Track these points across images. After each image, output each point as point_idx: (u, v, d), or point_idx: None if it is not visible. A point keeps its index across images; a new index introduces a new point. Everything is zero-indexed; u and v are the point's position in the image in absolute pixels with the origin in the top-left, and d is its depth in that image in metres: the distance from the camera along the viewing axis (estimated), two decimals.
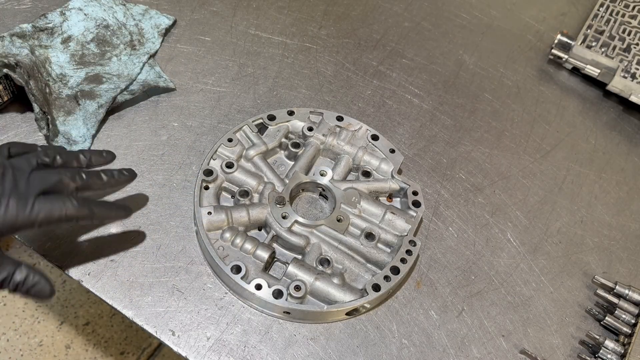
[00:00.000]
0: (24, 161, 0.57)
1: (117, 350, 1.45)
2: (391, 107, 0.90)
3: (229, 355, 0.63)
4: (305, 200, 0.77)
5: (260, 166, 0.74)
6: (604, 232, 0.82)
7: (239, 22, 0.96)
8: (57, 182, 0.56)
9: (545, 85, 0.98)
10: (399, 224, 0.72)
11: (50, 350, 1.43)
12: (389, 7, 1.04)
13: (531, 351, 0.68)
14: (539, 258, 0.77)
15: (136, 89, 0.81)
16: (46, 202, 0.54)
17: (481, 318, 0.70)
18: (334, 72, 0.92)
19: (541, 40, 1.05)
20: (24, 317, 1.47)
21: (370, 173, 0.77)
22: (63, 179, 0.57)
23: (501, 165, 0.86)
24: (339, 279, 0.66)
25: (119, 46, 0.85)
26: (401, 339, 0.67)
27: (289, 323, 0.66)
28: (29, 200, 0.54)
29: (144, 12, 0.91)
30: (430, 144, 0.86)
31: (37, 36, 0.82)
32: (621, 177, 0.89)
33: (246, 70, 0.89)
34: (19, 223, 0.53)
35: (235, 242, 0.67)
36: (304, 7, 1.01)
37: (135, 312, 0.64)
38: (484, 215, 0.80)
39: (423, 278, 0.72)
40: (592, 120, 0.95)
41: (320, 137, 0.78)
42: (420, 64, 0.96)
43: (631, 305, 0.72)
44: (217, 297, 0.67)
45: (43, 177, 0.56)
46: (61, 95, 0.77)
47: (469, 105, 0.93)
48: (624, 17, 1.04)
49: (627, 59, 0.96)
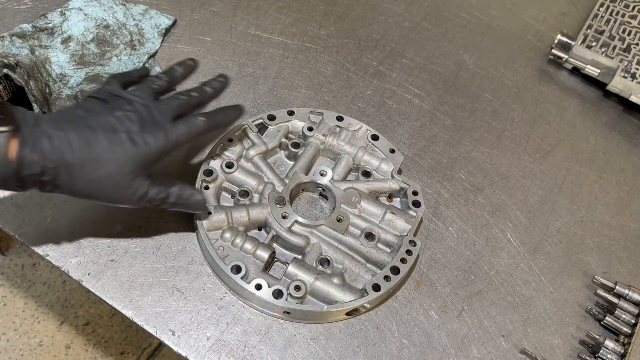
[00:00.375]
0: (144, 93, 0.63)
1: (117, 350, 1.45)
2: (391, 107, 0.90)
3: (229, 355, 0.63)
4: (305, 200, 0.77)
5: (260, 166, 0.74)
6: (604, 232, 0.82)
7: (239, 22, 0.96)
8: (178, 106, 0.64)
9: (545, 85, 0.98)
10: (399, 224, 0.72)
11: (50, 350, 1.43)
12: (389, 7, 1.04)
13: (531, 351, 0.68)
14: (539, 258, 0.77)
15: None
16: (180, 126, 0.62)
17: (481, 318, 0.70)
18: (334, 72, 0.92)
19: (541, 40, 1.05)
20: (24, 317, 1.47)
21: (370, 173, 0.77)
22: (182, 103, 0.65)
23: (501, 165, 0.86)
24: (339, 279, 0.66)
25: (119, 46, 0.85)
26: (401, 339, 0.67)
27: (289, 323, 0.66)
28: (168, 127, 0.61)
29: (144, 12, 0.91)
30: (430, 144, 0.86)
31: (37, 36, 0.82)
32: (621, 177, 0.89)
33: (246, 70, 0.89)
34: (168, 147, 0.61)
35: (235, 242, 0.67)
36: (304, 7, 1.01)
37: (135, 312, 0.64)
38: (484, 215, 0.80)
39: (423, 278, 0.72)
40: (592, 120, 0.95)
41: (320, 137, 0.78)
42: (420, 64, 0.96)
43: (631, 305, 0.72)
44: (217, 297, 0.67)
45: (168, 105, 0.63)
46: (61, 95, 0.77)
47: (469, 105, 0.93)
48: (624, 17, 1.04)
49: (627, 59, 0.96)
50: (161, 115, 0.62)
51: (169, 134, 0.61)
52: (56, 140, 0.55)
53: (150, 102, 0.62)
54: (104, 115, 0.59)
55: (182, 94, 0.66)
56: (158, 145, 0.60)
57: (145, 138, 0.59)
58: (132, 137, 0.58)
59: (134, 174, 0.58)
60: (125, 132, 0.58)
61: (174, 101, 0.64)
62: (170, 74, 0.68)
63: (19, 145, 0.53)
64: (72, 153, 0.55)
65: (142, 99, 0.62)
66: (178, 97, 0.65)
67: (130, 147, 0.58)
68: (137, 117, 0.60)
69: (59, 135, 0.55)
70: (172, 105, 0.63)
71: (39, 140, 0.54)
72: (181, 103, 0.64)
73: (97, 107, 0.60)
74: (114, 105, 0.60)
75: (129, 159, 0.58)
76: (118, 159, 0.57)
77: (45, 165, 0.54)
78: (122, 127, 0.58)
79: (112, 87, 0.63)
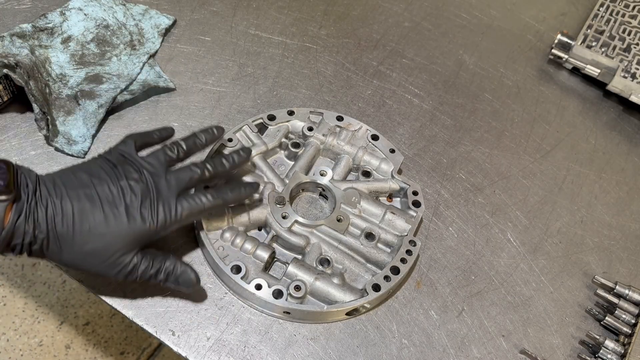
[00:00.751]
0: (156, 162, 0.61)
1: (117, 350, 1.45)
2: (391, 107, 0.90)
3: (229, 355, 0.63)
4: (305, 200, 0.77)
5: (260, 166, 0.74)
6: (604, 232, 0.82)
7: (239, 22, 0.96)
8: (189, 179, 0.62)
9: (545, 85, 0.98)
10: (399, 224, 0.72)
11: (50, 350, 1.43)
12: (389, 7, 1.04)
13: (531, 351, 0.68)
14: (539, 258, 0.77)
15: (136, 89, 0.81)
16: (185, 202, 0.60)
17: (481, 318, 0.70)
18: (334, 72, 0.92)
19: (541, 40, 1.05)
20: (24, 317, 1.47)
21: (370, 173, 0.77)
22: (194, 176, 0.62)
23: (501, 165, 0.86)
24: (339, 279, 0.66)
25: (119, 46, 0.85)
26: (401, 339, 0.67)
27: (289, 323, 0.66)
28: (172, 203, 0.59)
29: (144, 12, 0.91)
30: (430, 144, 0.86)
31: (37, 36, 0.82)
32: (621, 177, 0.89)
33: (246, 70, 0.89)
34: (167, 224, 0.59)
35: (235, 242, 0.67)
36: (304, 7, 1.01)
37: (135, 312, 0.64)
38: (484, 215, 0.80)
39: (423, 278, 0.72)
40: (592, 120, 0.95)
41: (320, 137, 0.78)
42: (420, 64, 0.96)
43: (631, 305, 0.72)
44: (217, 297, 0.67)
45: (178, 178, 0.61)
46: (61, 95, 0.77)
47: (469, 105, 0.93)
48: (624, 17, 1.04)
49: (627, 59, 0.96)
50: (168, 189, 0.59)
51: (171, 211, 0.59)
52: (50, 210, 0.54)
53: (161, 172, 0.60)
54: (107, 184, 0.57)
55: (197, 166, 0.63)
56: (157, 222, 0.58)
57: (144, 214, 0.57)
58: (130, 212, 0.56)
59: (123, 251, 0.57)
60: (124, 205, 0.56)
61: (185, 174, 0.61)
62: (191, 142, 0.65)
63: (14, 214, 0.52)
64: (63, 224, 0.54)
65: (152, 168, 0.60)
66: (192, 169, 0.62)
67: (126, 223, 0.56)
68: (142, 189, 0.58)
69: (54, 204, 0.54)
70: (182, 178, 0.61)
71: (34, 210, 0.53)
72: (193, 177, 0.62)
73: (102, 173, 0.58)
74: (121, 172, 0.58)
75: (121, 236, 0.56)
76: (110, 234, 0.56)
77: (36, 235, 0.53)
78: (123, 199, 0.56)
79: (126, 149, 0.61)
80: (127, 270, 0.58)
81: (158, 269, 0.60)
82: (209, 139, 0.67)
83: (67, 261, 0.56)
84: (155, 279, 0.60)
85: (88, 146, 0.75)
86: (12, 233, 0.52)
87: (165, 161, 0.62)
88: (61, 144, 0.74)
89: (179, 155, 0.63)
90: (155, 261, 0.60)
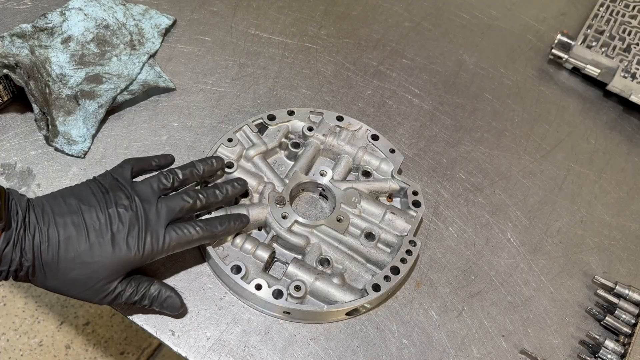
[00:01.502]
0: (149, 189, 0.61)
1: (117, 350, 1.45)
2: (391, 107, 0.90)
3: (229, 355, 0.63)
4: (305, 200, 0.77)
5: (260, 166, 0.74)
6: (604, 232, 0.82)
7: (239, 22, 0.96)
8: (180, 209, 0.61)
9: (545, 85, 0.98)
10: (399, 224, 0.72)
11: (50, 350, 1.43)
12: (389, 7, 1.04)
13: (531, 351, 0.68)
14: (539, 258, 0.77)
15: (136, 89, 0.81)
16: (174, 232, 0.60)
17: (481, 318, 0.70)
18: (334, 72, 0.92)
19: (541, 40, 1.05)
20: (24, 317, 1.47)
21: (370, 173, 0.77)
22: (185, 206, 0.62)
23: (501, 165, 0.86)
24: (339, 279, 0.66)
25: (119, 46, 0.85)
26: (401, 339, 0.67)
27: (289, 323, 0.66)
28: (160, 233, 0.59)
29: (144, 12, 0.91)
30: (430, 144, 0.86)
31: (37, 36, 0.82)
32: (621, 177, 0.89)
33: (246, 70, 0.89)
34: (154, 254, 0.59)
35: (235, 242, 0.67)
36: (304, 7, 1.01)
37: (135, 312, 0.64)
38: (484, 215, 0.80)
39: (423, 278, 0.72)
40: (592, 120, 0.95)
41: (320, 137, 0.78)
42: (420, 64, 0.96)
43: (631, 305, 0.72)
44: (217, 297, 0.67)
45: (169, 207, 0.60)
46: (61, 95, 0.77)
47: (469, 105, 0.93)
48: (624, 17, 1.04)
49: (627, 59, 0.96)
50: (157, 218, 0.59)
51: (158, 241, 0.59)
52: (37, 238, 0.54)
53: (153, 200, 0.60)
54: (95, 211, 0.57)
55: (190, 196, 0.62)
56: (143, 251, 0.58)
57: (130, 243, 0.57)
58: (116, 241, 0.57)
59: (108, 279, 0.57)
60: (110, 234, 0.56)
61: (177, 203, 0.61)
62: (188, 172, 0.65)
63: (3, 242, 0.52)
64: (49, 252, 0.55)
65: (144, 195, 0.60)
66: (184, 199, 0.62)
67: (111, 252, 0.56)
68: (130, 217, 0.58)
69: (41, 232, 0.54)
70: (173, 208, 0.61)
71: (21, 238, 0.53)
72: (184, 206, 0.61)
73: (92, 199, 0.58)
74: (111, 198, 0.58)
75: (106, 264, 0.56)
76: (95, 263, 0.56)
77: (22, 263, 0.54)
78: (110, 228, 0.57)
79: (121, 173, 0.61)
80: (111, 297, 0.59)
81: (143, 295, 0.61)
82: (206, 170, 0.66)
83: (52, 287, 0.57)
84: (140, 304, 0.61)
85: (88, 146, 0.75)
86: None
87: (158, 189, 0.61)
88: (61, 144, 0.74)
89: (173, 184, 0.63)
90: (140, 287, 0.60)
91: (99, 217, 0.57)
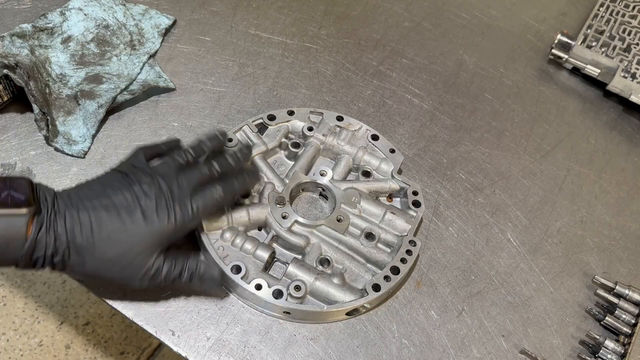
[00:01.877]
0: (166, 167, 0.62)
1: (117, 350, 1.45)
2: (391, 107, 0.90)
3: (229, 355, 0.63)
4: (305, 200, 0.77)
5: (260, 166, 0.74)
6: (604, 232, 0.82)
7: (239, 22, 0.96)
8: (200, 179, 0.63)
9: (545, 85, 0.98)
10: (399, 224, 0.72)
11: (50, 350, 1.43)
12: (389, 7, 1.04)
13: (531, 351, 0.68)
14: (539, 258, 0.77)
15: (136, 89, 0.81)
16: (199, 198, 0.61)
17: (481, 318, 0.70)
18: (334, 72, 0.92)
19: (541, 40, 1.05)
20: (24, 317, 1.47)
21: (370, 173, 0.77)
22: (203, 176, 0.63)
23: (501, 165, 0.86)
24: (339, 279, 0.66)
25: (119, 46, 0.85)
26: (401, 339, 0.67)
27: (289, 323, 0.66)
28: (187, 202, 0.60)
29: (144, 12, 0.91)
30: (430, 144, 0.86)
31: (37, 36, 0.82)
32: (621, 177, 0.89)
33: (246, 70, 0.89)
34: (185, 222, 0.60)
35: (235, 242, 0.67)
36: (304, 7, 1.01)
37: (135, 312, 0.64)
38: (484, 215, 0.80)
39: (423, 278, 0.72)
40: (592, 120, 0.95)
41: (320, 137, 0.78)
42: (420, 64, 0.96)
43: (631, 305, 0.72)
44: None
45: (188, 178, 0.62)
46: (61, 95, 0.77)
47: (469, 105, 0.93)
48: (624, 17, 1.04)
49: (627, 59, 0.96)
50: (180, 190, 0.60)
51: (187, 207, 0.60)
52: (69, 221, 0.55)
53: (172, 175, 0.61)
54: (121, 191, 0.58)
55: (205, 167, 0.64)
56: (174, 222, 0.59)
57: (161, 215, 0.58)
58: (147, 215, 0.57)
59: (146, 253, 0.57)
60: (140, 209, 0.57)
61: (195, 174, 0.63)
62: (199, 149, 0.66)
63: (36, 227, 0.53)
64: (82, 234, 0.55)
65: (163, 172, 0.61)
66: (201, 170, 0.63)
67: (144, 226, 0.57)
68: (155, 192, 0.58)
69: (72, 216, 0.55)
70: (193, 178, 0.62)
71: (53, 222, 0.54)
72: (203, 176, 0.63)
73: (115, 182, 0.59)
74: (133, 179, 0.59)
75: (141, 239, 0.57)
76: (129, 239, 0.56)
77: (57, 247, 0.54)
78: (138, 204, 0.57)
79: (135, 159, 0.62)
80: (150, 274, 0.58)
81: (181, 268, 0.61)
82: (215, 145, 0.68)
83: (90, 271, 0.57)
84: (179, 280, 0.61)
85: (88, 146, 0.75)
86: (35, 246, 0.53)
87: (174, 166, 0.62)
88: (61, 144, 0.74)
89: (188, 161, 0.64)
90: (178, 261, 0.61)
91: (125, 196, 0.58)
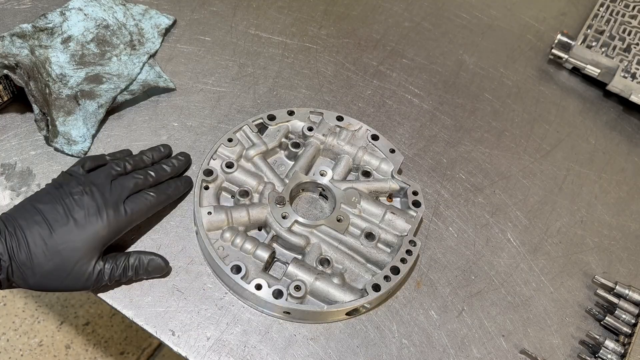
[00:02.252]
0: (102, 175, 0.65)
1: (117, 350, 1.45)
2: (391, 107, 0.90)
3: (229, 355, 0.63)
4: (305, 200, 0.77)
5: (260, 166, 0.74)
6: (604, 232, 0.82)
7: (239, 22, 0.96)
8: (134, 185, 0.66)
9: (545, 85, 0.98)
10: (399, 224, 0.72)
11: (50, 350, 1.43)
12: (389, 7, 1.04)
13: (531, 351, 0.68)
14: (539, 258, 0.77)
15: (136, 89, 0.81)
16: (132, 203, 0.64)
17: (481, 318, 0.70)
18: (334, 72, 0.92)
19: (541, 40, 1.05)
20: (24, 317, 1.47)
21: (370, 173, 0.77)
22: (137, 182, 0.66)
23: (501, 165, 0.86)
24: (339, 279, 0.66)
25: (119, 46, 0.85)
26: (401, 339, 0.67)
27: (289, 323, 0.66)
28: (120, 206, 0.63)
29: (144, 12, 0.91)
30: (430, 144, 0.86)
31: (37, 36, 0.82)
32: (621, 177, 0.89)
33: (246, 70, 0.89)
34: (119, 224, 0.63)
35: (235, 242, 0.67)
36: (304, 7, 1.01)
37: (135, 312, 0.64)
38: (484, 215, 0.80)
39: (423, 278, 0.72)
40: (592, 120, 0.95)
41: (320, 137, 0.78)
42: (420, 64, 0.96)
43: (631, 305, 0.72)
44: (217, 297, 0.67)
45: (122, 185, 0.65)
46: (61, 95, 0.77)
47: (469, 105, 0.93)
48: (624, 17, 1.04)
49: (627, 59, 0.96)
50: (113, 196, 0.63)
51: (119, 212, 0.62)
52: (8, 241, 0.57)
53: (106, 182, 0.64)
54: (52, 205, 0.60)
55: (140, 174, 0.67)
56: (107, 225, 0.61)
57: (93, 221, 0.60)
58: (79, 222, 0.60)
59: (84, 260, 0.60)
60: (72, 219, 0.60)
61: (129, 181, 0.66)
62: (138, 159, 0.70)
63: None
64: (21, 251, 0.57)
65: (98, 180, 0.64)
66: (134, 177, 0.67)
67: (77, 233, 0.59)
68: (87, 200, 0.61)
69: (9, 235, 0.57)
70: (126, 185, 0.65)
71: None
72: (137, 182, 0.66)
73: (47, 197, 0.62)
74: (65, 190, 0.62)
75: (76, 246, 0.59)
76: (65, 248, 0.59)
77: (1, 265, 0.56)
78: (70, 214, 0.60)
79: (75, 168, 0.65)
80: (93, 278, 0.61)
81: (124, 267, 0.63)
82: (155, 156, 0.72)
83: (34, 285, 0.59)
84: (125, 277, 0.64)
85: (88, 146, 0.75)
86: None
87: (110, 174, 0.66)
88: (61, 144, 0.74)
89: (125, 169, 0.67)
90: (119, 261, 0.63)
91: (57, 209, 0.60)
